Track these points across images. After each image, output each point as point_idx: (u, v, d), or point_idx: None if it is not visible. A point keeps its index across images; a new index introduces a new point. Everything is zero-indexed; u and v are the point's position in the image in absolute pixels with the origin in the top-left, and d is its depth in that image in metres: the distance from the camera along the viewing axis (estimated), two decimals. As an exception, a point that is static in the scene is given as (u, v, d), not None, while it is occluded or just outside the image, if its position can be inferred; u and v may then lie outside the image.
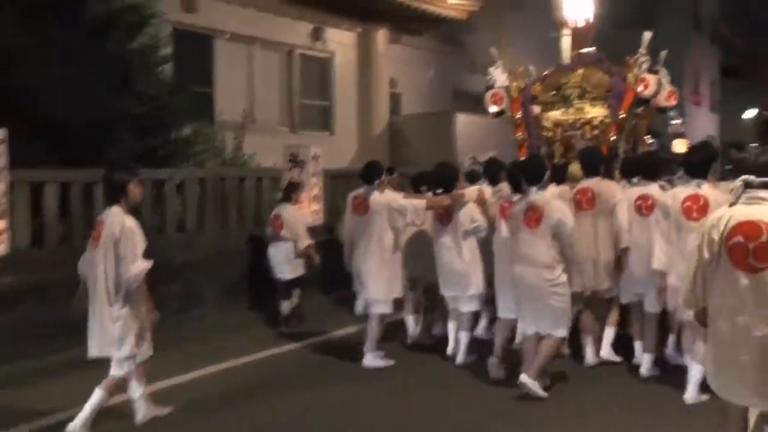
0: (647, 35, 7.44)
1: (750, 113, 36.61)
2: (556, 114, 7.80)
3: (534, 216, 5.26)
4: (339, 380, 6.01)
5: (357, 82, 14.55)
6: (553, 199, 5.46)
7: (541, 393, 5.20)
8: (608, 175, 6.51)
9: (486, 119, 15.75)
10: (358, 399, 5.53)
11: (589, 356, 6.07)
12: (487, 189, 6.75)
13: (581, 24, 14.44)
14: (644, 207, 5.84)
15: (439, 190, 6.33)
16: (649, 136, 8.01)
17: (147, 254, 4.67)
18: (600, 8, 8.38)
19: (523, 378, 5.19)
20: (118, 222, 4.58)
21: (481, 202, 6.41)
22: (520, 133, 7.88)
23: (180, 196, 8.36)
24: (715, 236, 3.30)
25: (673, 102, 7.69)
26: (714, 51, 32.77)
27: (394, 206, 6.15)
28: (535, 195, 5.35)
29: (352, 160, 14.08)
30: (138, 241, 4.60)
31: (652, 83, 7.25)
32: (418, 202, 6.23)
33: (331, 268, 7.69)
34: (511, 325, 5.85)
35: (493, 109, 8.06)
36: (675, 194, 5.25)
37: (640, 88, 7.24)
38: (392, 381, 5.95)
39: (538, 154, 6.23)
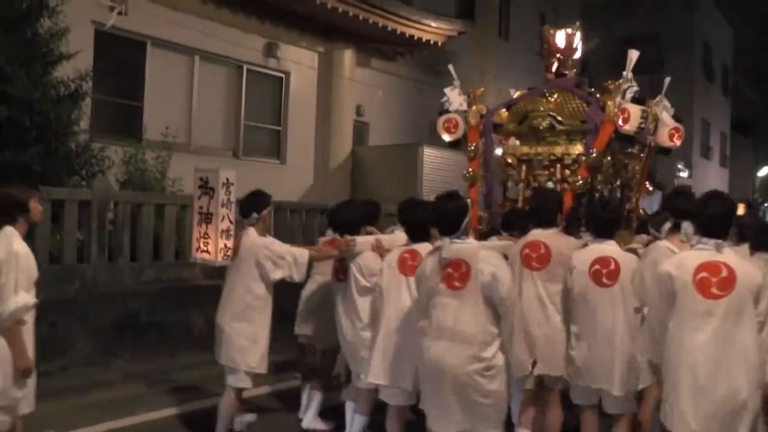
0: (634, 54, 5.90)
1: (764, 171, 34.59)
2: (522, 148, 6.36)
3: (457, 273, 3.77)
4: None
5: (316, 107, 13.02)
6: (482, 248, 3.95)
7: None
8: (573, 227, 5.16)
9: (458, 154, 14.50)
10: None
11: None
12: (400, 235, 4.81)
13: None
14: (604, 274, 4.27)
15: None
16: (648, 183, 6.46)
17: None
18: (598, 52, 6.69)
19: None
20: (4, 245, 3.71)
21: (378, 250, 4.75)
22: (472, 169, 6.42)
23: (58, 221, 6.98)
24: None
25: (677, 141, 6.21)
26: (725, 103, 31.49)
27: (263, 253, 4.82)
28: (453, 245, 3.83)
29: (306, 192, 12.71)
30: (24, 269, 3.73)
31: (633, 115, 5.70)
32: (299, 253, 4.87)
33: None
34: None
35: (446, 137, 6.65)
36: (682, 261, 3.64)
37: (619, 122, 5.71)
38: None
39: (454, 192, 4.29)
